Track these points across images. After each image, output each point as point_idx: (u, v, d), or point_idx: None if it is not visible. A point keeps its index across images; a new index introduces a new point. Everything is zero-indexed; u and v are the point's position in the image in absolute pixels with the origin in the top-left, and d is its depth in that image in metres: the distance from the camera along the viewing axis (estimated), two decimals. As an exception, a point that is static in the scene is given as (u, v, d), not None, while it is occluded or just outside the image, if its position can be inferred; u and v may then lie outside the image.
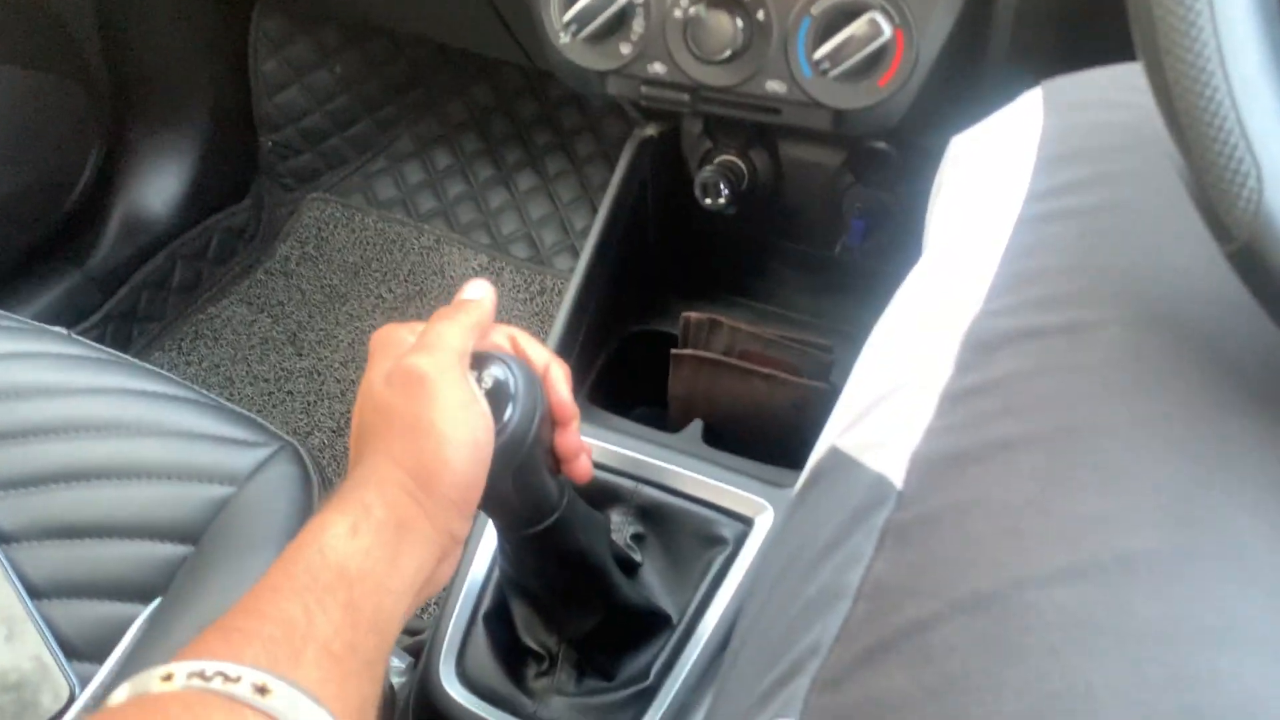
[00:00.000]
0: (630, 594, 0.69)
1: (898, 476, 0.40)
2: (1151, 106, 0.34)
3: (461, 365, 0.50)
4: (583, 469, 0.57)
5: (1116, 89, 0.51)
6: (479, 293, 0.55)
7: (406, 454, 0.46)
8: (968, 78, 0.80)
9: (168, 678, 0.37)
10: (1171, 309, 0.40)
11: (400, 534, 0.44)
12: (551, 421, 0.56)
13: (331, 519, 0.44)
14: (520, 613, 0.73)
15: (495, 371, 0.52)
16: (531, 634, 0.73)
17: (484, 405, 0.49)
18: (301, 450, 0.76)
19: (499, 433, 0.51)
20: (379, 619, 0.42)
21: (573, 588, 0.65)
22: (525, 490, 0.55)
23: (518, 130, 1.61)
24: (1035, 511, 0.36)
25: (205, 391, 0.81)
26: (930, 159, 0.60)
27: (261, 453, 0.75)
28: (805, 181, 0.98)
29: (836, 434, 0.45)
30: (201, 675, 0.37)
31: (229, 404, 0.81)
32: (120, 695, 0.37)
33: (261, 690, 0.36)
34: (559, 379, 0.56)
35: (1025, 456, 0.38)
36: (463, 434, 0.47)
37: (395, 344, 0.51)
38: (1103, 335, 0.40)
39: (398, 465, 0.46)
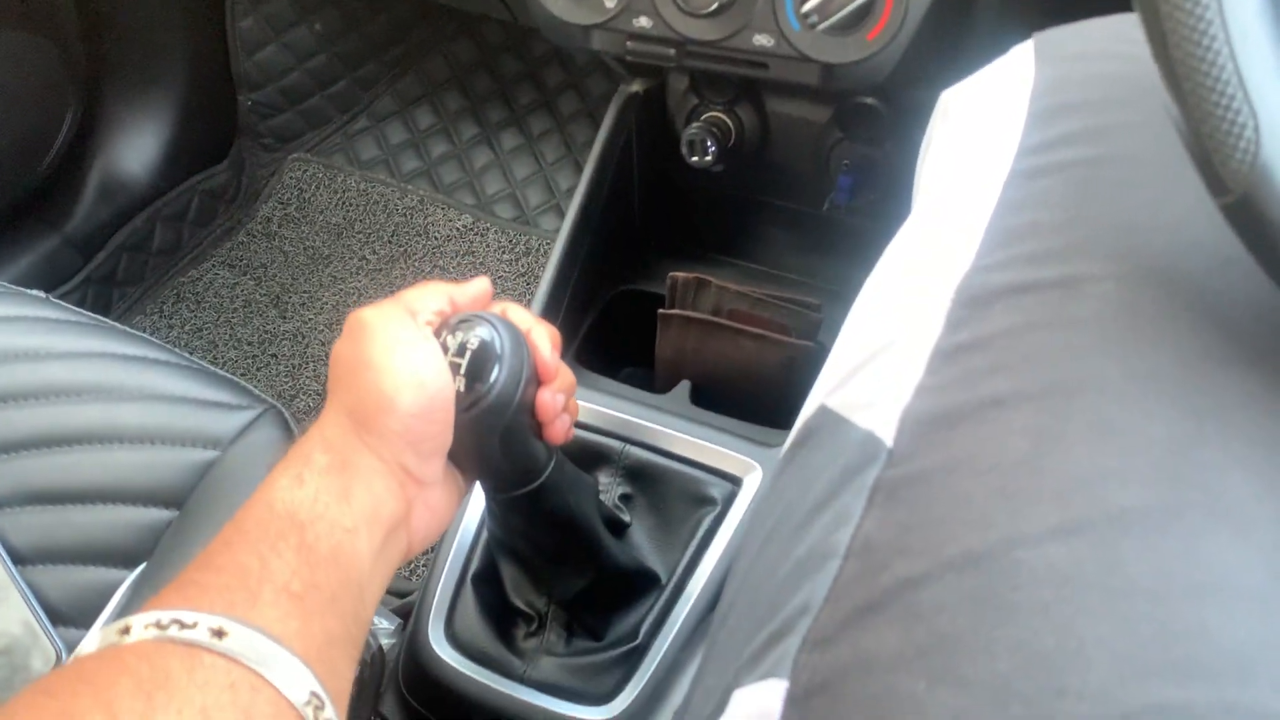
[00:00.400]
0: (619, 555, 0.69)
1: (888, 435, 0.39)
2: (1145, 58, 0.34)
3: (410, 314, 0.51)
4: (558, 431, 0.57)
5: (1109, 40, 0.50)
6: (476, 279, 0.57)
7: (349, 394, 0.47)
8: (958, 31, 0.79)
9: (125, 630, 0.37)
10: (1165, 263, 0.40)
11: (348, 473, 0.45)
12: (536, 383, 0.55)
13: (276, 475, 0.45)
14: (509, 574, 0.73)
15: (481, 332, 0.52)
16: (520, 595, 0.73)
17: (434, 345, 0.50)
18: (285, 413, 0.76)
19: (486, 393, 0.51)
20: (338, 555, 0.43)
21: (561, 549, 0.65)
22: (512, 451, 0.55)
23: (500, 88, 1.59)
24: (1026, 469, 0.36)
25: (188, 355, 0.80)
26: (919, 114, 0.59)
27: (245, 416, 0.75)
28: (793, 138, 0.97)
29: (826, 392, 0.45)
30: (157, 625, 0.37)
31: (212, 367, 0.80)
32: (87, 648, 0.38)
33: (218, 633, 0.37)
34: (542, 338, 0.56)
35: (1017, 414, 0.37)
36: (401, 367, 0.47)
37: None
38: (1095, 290, 0.39)
39: (340, 409, 0.47)
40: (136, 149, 1.48)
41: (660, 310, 0.90)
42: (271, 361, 1.44)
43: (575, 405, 0.60)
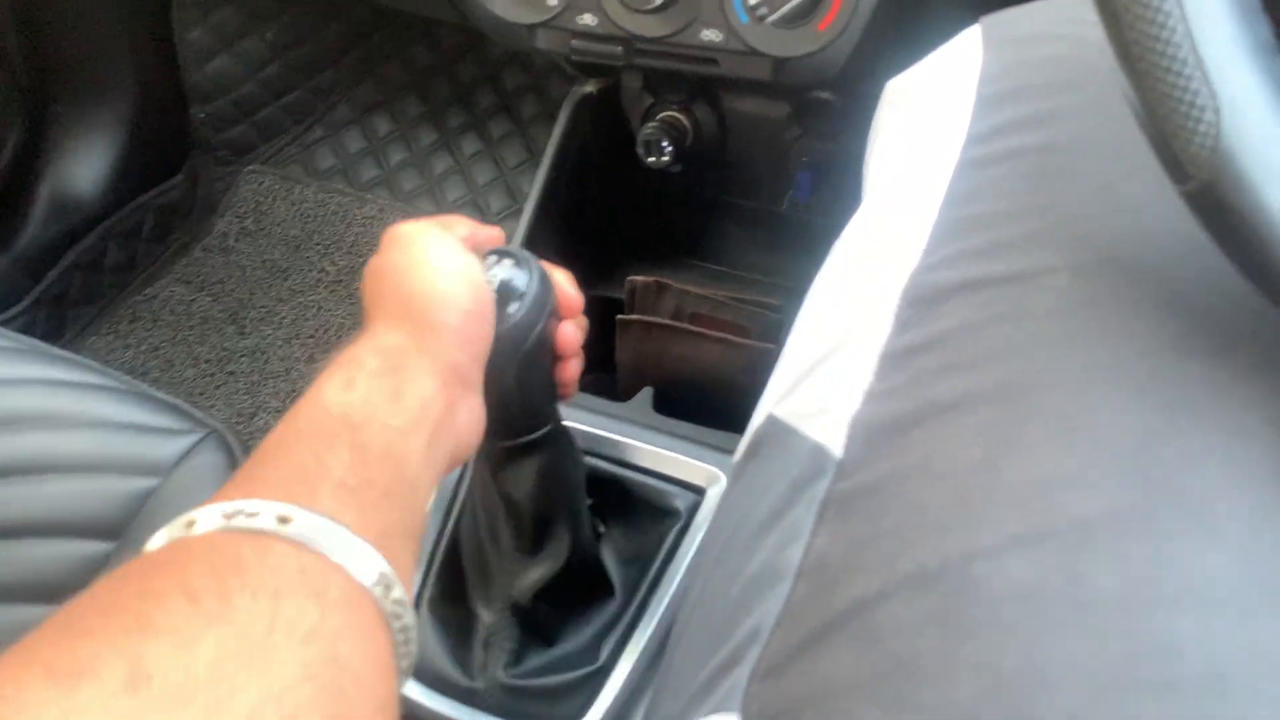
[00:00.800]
0: (590, 543, 0.69)
1: (837, 444, 0.37)
2: (1096, 39, 0.32)
3: (445, 230, 0.53)
4: (574, 372, 0.59)
5: (1059, 22, 0.48)
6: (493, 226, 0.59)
7: (398, 298, 0.48)
8: (913, 20, 0.77)
9: (190, 524, 0.36)
10: (1122, 252, 0.38)
11: (398, 376, 0.45)
12: (558, 316, 0.58)
13: (325, 380, 0.44)
14: (472, 568, 0.71)
15: (509, 261, 0.55)
16: (481, 596, 0.71)
17: (471, 256, 0.51)
18: (229, 436, 0.73)
19: (511, 316, 0.53)
20: (390, 454, 0.43)
21: (544, 519, 0.64)
22: (525, 386, 0.56)
23: (459, 92, 1.57)
24: (983, 475, 0.34)
25: (128, 378, 0.78)
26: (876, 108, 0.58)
27: (187, 441, 0.72)
28: (750, 135, 0.96)
29: (774, 401, 0.43)
30: (224, 515, 0.36)
31: (153, 391, 0.77)
32: (155, 543, 0.37)
33: (283, 520, 0.36)
34: (562, 277, 0.58)
35: (971, 416, 0.35)
36: (450, 268, 0.49)
37: None
38: (1050, 282, 0.38)
39: (390, 315, 0.48)
40: (86, 165, 1.44)
41: (619, 316, 0.88)
42: (229, 379, 1.41)
43: (582, 353, 0.62)
